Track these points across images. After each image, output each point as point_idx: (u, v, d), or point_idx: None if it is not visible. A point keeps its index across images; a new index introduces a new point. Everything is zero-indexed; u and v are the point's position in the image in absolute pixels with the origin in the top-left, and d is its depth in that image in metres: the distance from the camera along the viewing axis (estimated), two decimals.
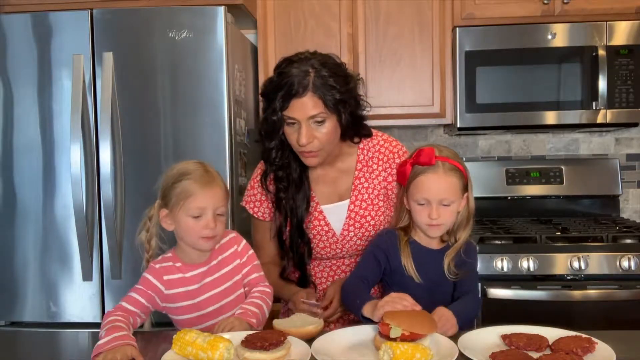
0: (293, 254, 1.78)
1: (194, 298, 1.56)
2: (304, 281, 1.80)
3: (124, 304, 1.51)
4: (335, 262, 1.83)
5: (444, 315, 1.46)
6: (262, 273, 1.64)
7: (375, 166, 1.78)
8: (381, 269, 1.64)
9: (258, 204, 1.82)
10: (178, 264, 1.57)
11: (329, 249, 1.78)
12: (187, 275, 1.57)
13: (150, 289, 1.54)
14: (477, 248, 2.33)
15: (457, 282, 1.64)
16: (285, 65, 1.62)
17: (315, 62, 1.60)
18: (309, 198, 1.75)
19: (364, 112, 1.72)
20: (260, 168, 1.83)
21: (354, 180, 1.78)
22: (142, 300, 1.52)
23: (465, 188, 1.62)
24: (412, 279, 1.59)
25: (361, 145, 1.79)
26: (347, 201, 1.77)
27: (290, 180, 1.74)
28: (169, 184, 1.54)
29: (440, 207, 1.57)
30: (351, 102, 1.63)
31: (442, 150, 1.61)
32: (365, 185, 1.77)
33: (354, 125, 1.68)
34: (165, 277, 1.55)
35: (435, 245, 1.65)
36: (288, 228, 1.76)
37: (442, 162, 1.58)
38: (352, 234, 1.76)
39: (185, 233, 1.54)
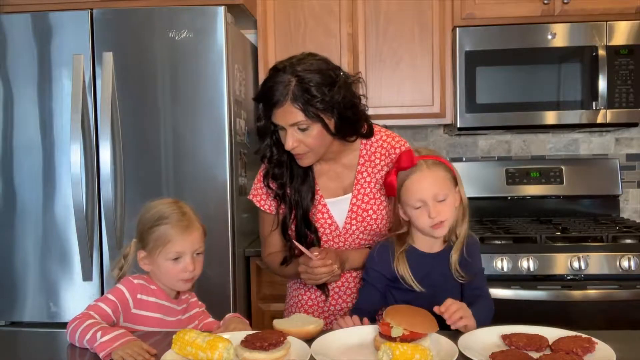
0: (301, 244, 1.78)
1: (157, 327, 1.52)
2: None
3: (92, 313, 1.44)
4: None
5: (456, 302, 1.43)
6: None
7: (377, 161, 1.79)
8: (381, 292, 1.62)
9: (264, 197, 1.84)
10: (153, 287, 1.55)
11: (332, 242, 1.80)
12: (161, 302, 1.54)
13: (121, 302, 1.49)
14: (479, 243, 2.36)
15: (465, 284, 1.61)
16: (271, 73, 1.65)
17: (300, 70, 1.60)
18: (314, 190, 1.78)
19: (360, 113, 1.72)
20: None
21: (357, 174, 1.79)
22: (110, 312, 1.46)
23: (455, 181, 1.61)
24: (413, 289, 1.56)
25: (364, 141, 1.81)
26: (349, 195, 1.79)
27: (293, 174, 1.77)
28: (146, 228, 1.53)
29: (436, 204, 1.55)
30: (339, 107, 1.64)
31: (420, 150, 1.61)
32: (368, 179, 1.79)
33: (344, 128, 1.68)
34: (138, 296, 1.51)
35: (437, 248, 1.63)
36: (293, 220, 1.77)
37: (424, 160, 1.57)
38: (354, 227, 1.78)
39: (163, 276, 1.54)
